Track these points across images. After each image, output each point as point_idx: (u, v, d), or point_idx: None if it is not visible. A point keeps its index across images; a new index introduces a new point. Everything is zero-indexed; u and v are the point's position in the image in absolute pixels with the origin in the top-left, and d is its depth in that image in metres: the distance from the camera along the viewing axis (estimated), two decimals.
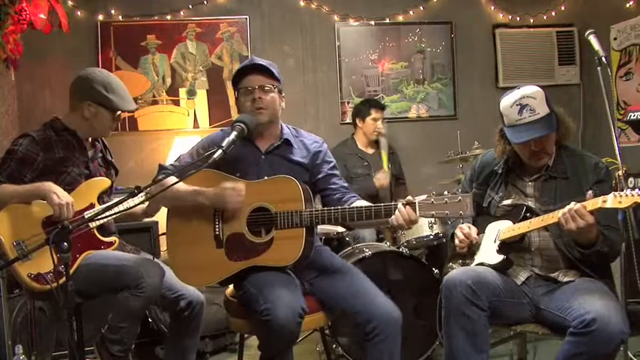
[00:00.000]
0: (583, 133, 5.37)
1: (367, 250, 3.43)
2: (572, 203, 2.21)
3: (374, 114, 4.58)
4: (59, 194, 2.53)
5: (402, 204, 2.27)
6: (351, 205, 2.52)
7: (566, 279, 2.43)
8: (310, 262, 2.55)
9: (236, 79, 2.66)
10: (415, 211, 2.24)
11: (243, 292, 2.48)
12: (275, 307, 2.24)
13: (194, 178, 2.48)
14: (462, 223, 2.69)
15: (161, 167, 2.68)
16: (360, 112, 4.66)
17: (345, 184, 2.71)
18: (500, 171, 2.66)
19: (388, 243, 3.78)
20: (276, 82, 2.63)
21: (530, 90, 2.45)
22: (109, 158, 2.98)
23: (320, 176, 2.68)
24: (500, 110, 2.51)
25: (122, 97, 2.78)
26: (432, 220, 3.73)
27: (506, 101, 2.48)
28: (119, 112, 2.79)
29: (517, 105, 2.43)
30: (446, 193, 2.24)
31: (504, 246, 2.49)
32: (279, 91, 2.66)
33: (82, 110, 2.74)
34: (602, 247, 2.29)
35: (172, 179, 2.38)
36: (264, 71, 2.61)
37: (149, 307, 3.00)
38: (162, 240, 3.11)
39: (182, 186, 2.51)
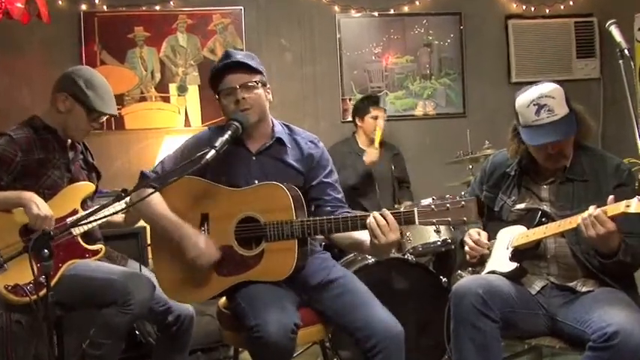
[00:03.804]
0: (603, 131, 5.34)
1: (370, 257, 3.41)
2: (592, 208, 2.20)
3: (373, 112, 4.58)
4: (40, 205, 2.52)
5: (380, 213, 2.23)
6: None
7: (584, 289, 2.42)
8: (307, 272, 2.54)
9: (213, 81, 2.58)
10: (415, 221, 2.19)
11: (234, 304, 2.47)
12: (265, 323, 2.23)
13: (176, 187, 2.45)
14: (468, 228, 2.68)
15: (143, 175, 2.61)
16: (359, 110, 4.67)
17: (339, 196, 2.66)
18: (512, 173, 2.65)
19: (393, 249, 3.75)
20: (257, 75, 2.56)
21: (549, 88, 2.43)
22: (91, 160, 2.96)
23: (314, 183, 2.63)
24: (516, 109, 2.50)
25: (102, 97, 2.75)
26: (438, 226, 3.70)
27: (523, 99, 2.46)
28: (96, 115, 2.76)
29: (534, 104, 2.42)
30: (448, 196, 2.21)
31: (517, 253, 2.48)
32: (264, 84, 2.58)
33: (58, 103, 2.73)
34: (624, 256, 2.27)
35: (147, 191, 2.35)
36: (242, 67, 2.53)
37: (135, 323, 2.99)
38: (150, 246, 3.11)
39: (158, 206, 2.48)
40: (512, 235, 2.52)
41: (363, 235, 2.38)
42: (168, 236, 2.46)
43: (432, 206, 2.19)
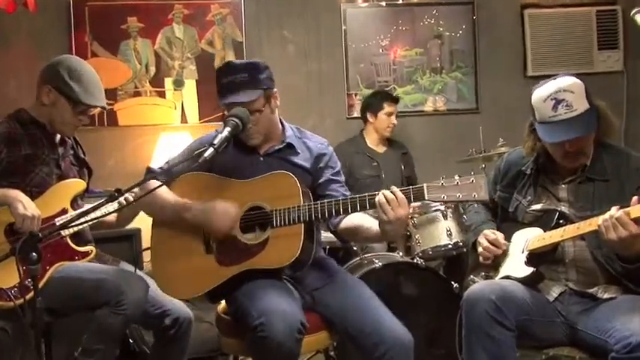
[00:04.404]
0: (626, 127, 5.32)
1: (377, 261, 3.42)
2: (614, 209, 2.19)
3: (387, 108, 4.60)
4: (26, 204, 2.51)
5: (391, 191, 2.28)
6: (350, 216, 2.52)
7: (606, 295, 2.40)
8: (311, 273, 2.56)
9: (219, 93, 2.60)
10: (424, 196, 2.26)
11: (235, 306, 2.48)
12: (270, 321, 2.23)
13: (183, 184, 2.52)
14: (482, 225, 2.68)
15: (149, 170, 2.68)
16: (372, 105, 4.67)
17: (347, 193, 2.70)
18: (528, 171, 2.63)
19: (401, 253, 3.76)
20: (261, 90, 2.56)
21: (568, 82, 2.42)
22: (82, 156, 2.96)
23: (321, 181, 2.69)
24: (532, 103, 2.49)
25: (87, 88, 2.72)
26: (449, 227, 3.71)
27: (540, 94, 2.45)
28: (83, 108, 2.75)
29: (552, 99, 2.40)
30: (457, 176, 2.25)
31: (534, 257, 2.47)
32: (268, 96, 2.60)
33: (42, 95, 2.72)
34: None
35: (155, 183, 2.39)
36: (246, 87, 2.53)
37: (129, 326, 2.99)
38: (146, 250, 3.11)
39: (167, 194, 2.55)
40: (528, 238, 2.51)
41: (371, 221, 2.45)
42: (180, 219, 2.51)
43: (442, 182, 2.24)
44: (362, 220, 2.53)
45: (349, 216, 2.54)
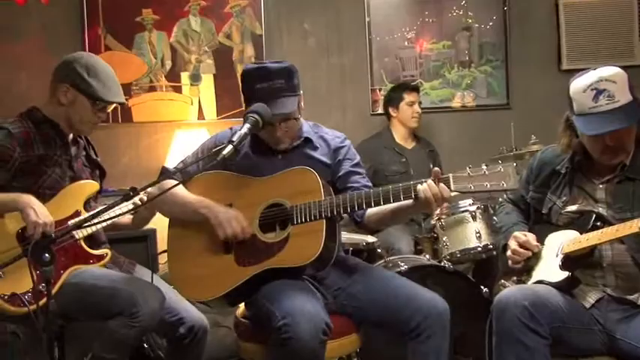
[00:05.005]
0: None
1: (403, 263, 3.41)
2: None
3: (407, 97, 4.64)
4: (38, 211, 2.52)
5: (433, 178, 2.32)
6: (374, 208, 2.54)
7: None
8: (333, 273, 2.59)
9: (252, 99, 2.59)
10: (450, 186, 2.30)
11: (256, 309, 2.51)
12: (295, 322, 2.24)
13: (200, 183, 2.56)
14: (513, 227, 2.67)
15: (164, 170, 2.72)
16: (392, 99, 4.71)
17: (369, 184, 2.73)
18: (563, 170, 2.62)
19: (428, 256, 3.76)
20: (297, 96, 2.62)
21: (610, 72, 2.40)
22: (94, 157, 2.98)
23: (341, 174, 2.72)
24: (570, 95, 2.47)
25: (105, 84, 2.75)
26: (478, 226, 3.71)
27: (579, 84, 2.43)
28: (102, 105, 2.77)
29: (592, 89, 2.38)
30: (484, 165, 2.29)
31: (569, 261, 2.46)
32: (299, 101, 2.66)
33: (59, 94, 2.74)
34: None
35: (171, 182, 2.42)
36: (285, 94, 2.56)
37: (143, 336, 3.01)
38: (162, 254, 3.14)
39: (185, 192, 2.58)
40: (563, 241, 2.49)
41: (392, 206, 2.49)
42: (197, 217, 2.53)
43: (469, 171, 2.28)
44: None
45: None
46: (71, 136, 2.85)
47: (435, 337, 2.42)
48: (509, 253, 2.59)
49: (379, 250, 3.80)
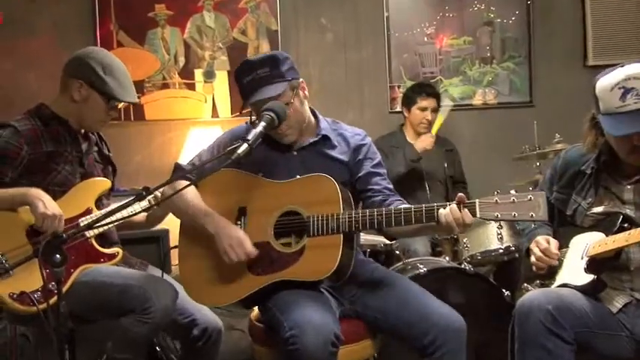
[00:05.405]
0: None
1: (422, 266, 3.40)
2: None
3: (421, 102, 4.59)
4: (47, 203, 2.53)
5: (457, 203, 2.29)
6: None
7: None
8: (350, 278, 2.56)
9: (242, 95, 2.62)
10: (475, 213, 2.26)
11: (267, 316, 2.51)
12: (302, 333, 2.24)
13: (212, 181, 2.53)
14: (537, 230, 2.66)
15: (177, 167, 2.72)
16: (407, 99, 4.70)
17: (390, 186, 2.73)
18: (589, 171, 2.61)
19: (447, 258, 3.74)
20: (286, 82, 2.57)
21: (638, 69, 2.37)
22: (106, 152, 3.00)
23: (361, 174, 2.70)
24: (596, 93, 2.45)
25: (121, 83, 2.77)
26: (499, 227, 3.71)
27: (605, 82, 2.41)
28: (115, 103, 2.79)
29: (619, 88, 2.36)
30: (513, 192, 2.24)
31: (594, 263, 2.44)
32: (294, 87, 2.61)
33: (72, 91, 2.75)
34: None
35: (182, 183, 2.41)
36: (269, 81, 2.54)
37: (156, 334, 3.03)
38: (174, 252, 3.15)
39: (194, 198, 2.57)
40: (588, 243, 2.48)
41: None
42: (200, 228, 2.53)
43: (496, 198, 2.23)
44: None
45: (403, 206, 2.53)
46: (82, 131, 2.86)
47: (450, 354, 2.38)
48: (533, 259, 2.57)
49: (397, 252, 3.80)
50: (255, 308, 2.72)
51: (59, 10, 4.80)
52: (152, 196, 2.71)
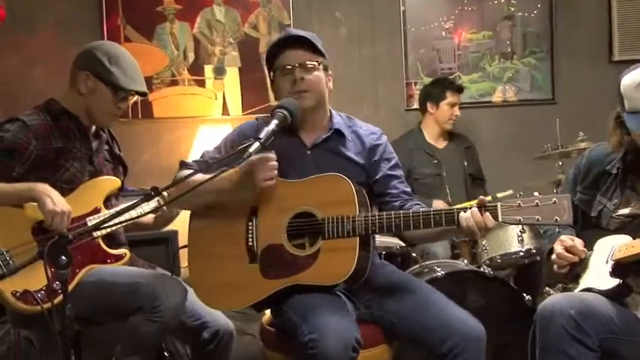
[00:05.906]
0: None
1: (439, 269, 3.39)
2: None
3: (450, 97, 4.58)
4: (55, 199, 2.54)
5: (478, 206, 2.27)
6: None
7: None
8: (366, 281, 2.55)
9: (270, 57, 2.67)
10: (497, 217, 2.25)
11: (282, 319, 2.50)
12: (323, 337, 2.23)
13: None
14: (560, 232, 2.65)
15: (182, 164, 2.70)
16: (433, 95, 4.66)
17: (408, 189, 2.72)
18: (614, 171, 2.61)
19: (466, 261, 3.73)
20: (320, 57, 2.64)
21: None
22: (117, 152, 3.01)
23: (378, 177, 2.69)
24: (621, 91, 2.45)
25: (127, 72, 2.78)
26: (521, 231, 3.69)
27: (630, 79, 2.41)
28: (123, 95, 2.80)
29: None
30: (536, 194, 2.22)
31: (620, 267, 2.43)
32: (325, 69, 2.67)
33: (79, 83, 2.77)
34: None
35: (199, 176, 2.36)
36: (305, 44, 2.62)
37: (165, 336, 3.04)
38: (183, 254, 3.16)
39: (202, 177, 2.51)
40: (614, 246, 2.47)
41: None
42: (229, 186, 2.49)
43: (519, 202, 2.22)
44: None
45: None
46: (93, 129, 2.88)
47: None
48: (554, 256, 2.56)
49: (414, 255, 3.79)
50: (267, 312, 2.72)
51: (65, 6, 4.84)
52: (162, 195, 2.71)
